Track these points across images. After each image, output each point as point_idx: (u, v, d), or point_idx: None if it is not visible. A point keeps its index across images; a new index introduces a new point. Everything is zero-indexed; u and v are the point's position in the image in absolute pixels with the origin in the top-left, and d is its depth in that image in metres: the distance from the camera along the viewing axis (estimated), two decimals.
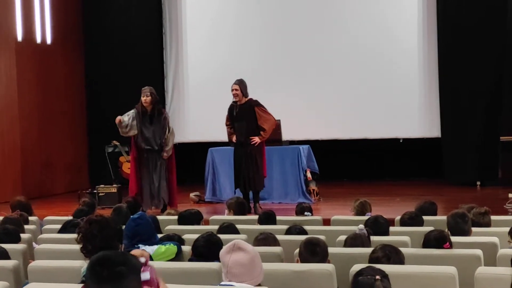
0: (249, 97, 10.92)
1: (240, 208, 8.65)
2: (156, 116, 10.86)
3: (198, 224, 7.47)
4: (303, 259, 5.05)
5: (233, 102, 11.01)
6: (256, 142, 10.78)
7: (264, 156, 11.10)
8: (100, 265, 2.94)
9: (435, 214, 7.58)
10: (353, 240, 5.65)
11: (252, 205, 10.90)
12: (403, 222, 6.99)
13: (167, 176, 10.96)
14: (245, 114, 10.84)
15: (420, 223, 6.86)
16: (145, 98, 10.74)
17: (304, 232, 6.40)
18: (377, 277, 3.62)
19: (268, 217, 7.59)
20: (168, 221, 7.65)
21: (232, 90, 10.85)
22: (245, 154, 10.87)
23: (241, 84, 10.83)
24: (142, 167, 10.94)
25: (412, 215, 7.00)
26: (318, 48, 14.60)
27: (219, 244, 5.27)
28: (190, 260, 5.33)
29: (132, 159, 11.14)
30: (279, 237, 6.08)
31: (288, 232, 6.51)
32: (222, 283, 3.94)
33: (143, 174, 10.90)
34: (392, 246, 4.90)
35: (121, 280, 2.89)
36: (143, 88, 10.88)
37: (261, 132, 10.82)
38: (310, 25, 14.66)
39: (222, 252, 3.96)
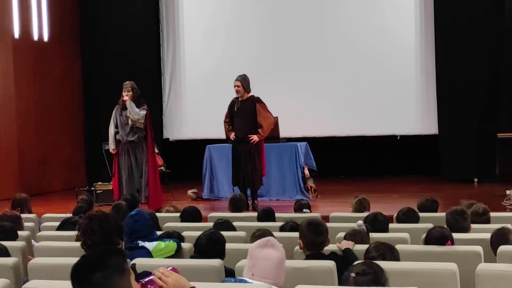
0: (251, 93, 10.91)
1: (237, 204, 8.68)
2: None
3: (199, 221, 7.51)
4: (308, 241, 5.11)
5: (234, 98, 10.99)
6: (254, 140, 10.77)
7: (263, 154, 11.07)
8: (77, 274, 2.93)
9: (436, 211, 7.59)
10: (353, 237, 5.65)
11: (250, 202, 10.90)
12: (398, 219, 7.03)
13: (148, 172, 10.88)
14: (246, 110, 10.81)
15: (415, 218, 6.88)
16: (126, 93, 10.72)
17: (296, 227, 6.42)
18: (352, 274, 3.71)
19: (266, 214, 7.61)
20: (168, 218, 7.66)
21: (234, 86, 10.82)
22: (244, 152, 10.85)
23: (243, 80, 10.80)
24: (123, 161, 10.90)
25: (406, 211, 7.02)
26: (315, 45, 14.60)
27: (222, 242, 5.28)
28: (192, 257, 5.34)
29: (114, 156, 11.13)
30: (277, 234, 6.09)
31: (282, 229, 6.53)
32: (239, 278, 3.96)
33: (125, 167, 10.85)
34: (386, 244, 4.91)
35: (100, 285, 2.87)
36: (124, 83, 10.86)
37: (259, 130, 10.80)
38: (308, 22, 14.65)
39: (253, 246, 4.02)
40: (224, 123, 11.19)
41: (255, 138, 10.76)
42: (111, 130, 10.99)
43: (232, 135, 10.98)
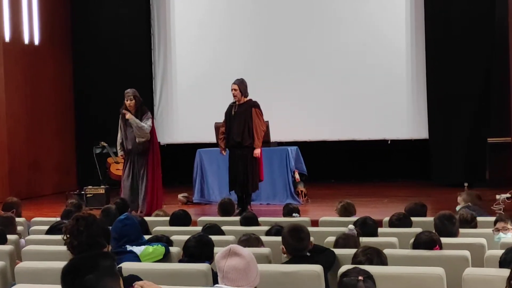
0: (249, 98, 10.86)
1: (227, 209, 8.67)
2: (139, 118, 10.73)
3: (188, 225, 7.51)
4: (290, 246, 5.16)
5: (232, 102, 10.89)
6: (257, 155, 10.71)
7: (261, 159, 11.00)
8: (69, 275, 2.94)
9: (424, 215, 7.60)
10: (346, 241, 5.66)
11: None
12: (391, 223, 7.02)
13: (147, 179, 10.84)
14: (243, 115, 10.70)
15: (408, 224, 6.88)
16: (129, 102, 10.62)
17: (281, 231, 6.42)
18: (360, 277, 3.69)
19: (249, 221, 7.57)
20: (157, 222, 7.66)
21: (232, 90, 10.74)
22: (240, 156, 10.76)
23: (240, 84, 10.68)
24: (127, 169, 10.86)
25: (400, 216, 7.02)
26: (307, 50, 14.61)
27: (211, 245, 5.29)
28: (181, 260, 5.34)
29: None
30: (265, 238, 6.10)
31: (268, 233, 6.53)
32: (216, 285, 3.94)
33: (128, 175, 10.82)
34: (373, 248, 4.93)
35: (92, 287, 2.89)
36: (126, 91, 10.75)
37: (254, 144, 10.70)
38: (299, 27, 14.67)
39: (217, 257, 3.96)
40: (220, 133, 11.05)
41: (257, 153, 10.72)
42: (118, 137, 10.94)
43: (223, 152, 10.95)
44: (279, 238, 5.99)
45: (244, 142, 10.69)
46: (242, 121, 10.70)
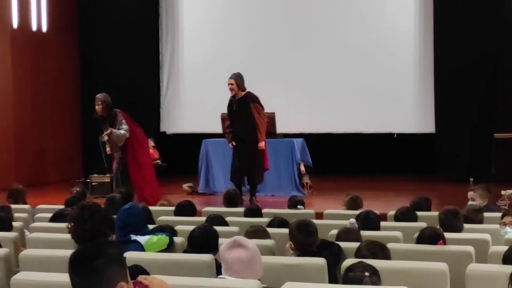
0: (247, 90, 10.86)
1: (232, 199, 8.67)
2: (112, 122, 10.70)
3: (193, 215, 7.51)
4: (299, 242, 5.13)
5: (231, 97, 10.93)
6: (261, 147, 10.75)
7: (265, 149, 11.03)
8: (77, 261, 2.95)
9: (429, 210, 7.60)
10: (347, 234, 5.66)
11: (248, 197, 10.91)
12: (396, 218, 7.01)
13: (130, 168, 10.80)
14: (244, 109, 10.74)
15: (414, 218, 6.88)
16: (96, 107, 10.66)
17: (285, 223, 6.41)
18: (366, 273, 3.68)
19: (253, 214, 7.57)
20: (162, 212, 7.66)
21: (228, 84, 10.77)
22: (244, 148, 10.80)
23: (237, 79, 10.71)
24: (115, 164, 10.90)
25: (405, 211, 7.02)
26: (313, 42, 14.57)
27: (216, 236, 5.28)
28: (185, 251, 5.34)
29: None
30: (269, 230, 6.10)
31: (270, 225, 6.53)
32: (220, 276, 3.95)
33: (117, 170, 10.84)
34: (376, 242, 4.92)
35: (100, 273, 2.91)
36: (96, 96, 10.75)
37: (258, 136, 10.74)
38: (305, 19, 14.63)
39: (222, 248, 3.96)
40: (225, 128, 11.15)
41: (261, 146, 10.75)
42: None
43: (232, 144, 11.01)
44: (283, 230, 5.99)
45: (248, 138, 10.74)
46: (243, 117, 10.75)
